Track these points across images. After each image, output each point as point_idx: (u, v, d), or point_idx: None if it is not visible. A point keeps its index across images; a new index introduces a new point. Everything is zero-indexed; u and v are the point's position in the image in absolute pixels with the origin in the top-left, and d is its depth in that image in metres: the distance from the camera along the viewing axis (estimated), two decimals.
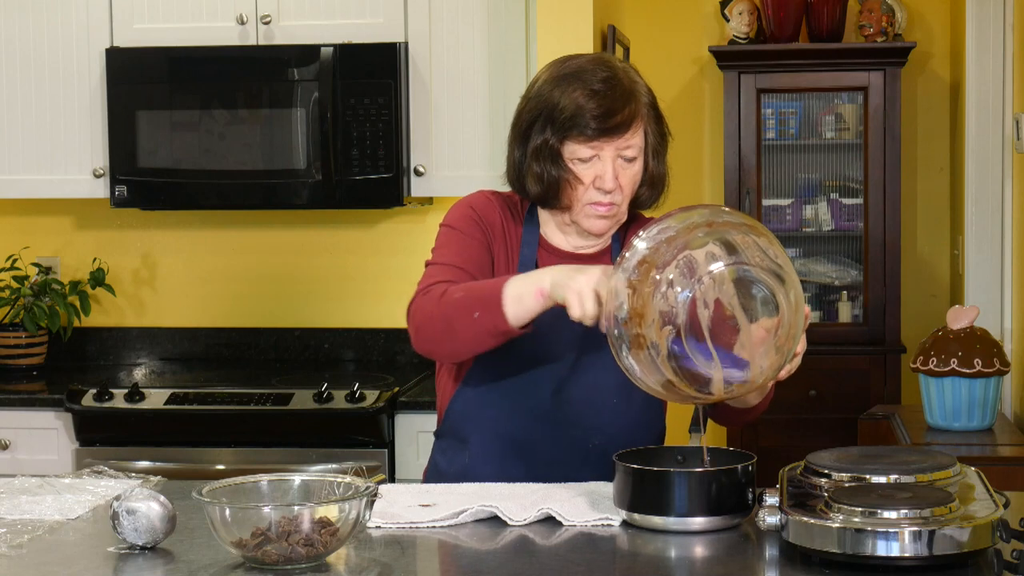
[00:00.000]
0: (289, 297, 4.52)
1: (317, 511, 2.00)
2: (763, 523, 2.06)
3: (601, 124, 2.38)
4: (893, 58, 5.21)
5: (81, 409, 3.90)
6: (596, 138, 2.39)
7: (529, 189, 2.48)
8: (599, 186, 2.41)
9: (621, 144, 2.41)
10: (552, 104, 2.42)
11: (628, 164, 2.43)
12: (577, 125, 2.39)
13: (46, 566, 2.05)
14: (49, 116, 4.22)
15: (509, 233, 2.53)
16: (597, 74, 2.41)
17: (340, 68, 4.02)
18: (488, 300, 2.28)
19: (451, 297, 2.34)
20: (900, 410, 4.05)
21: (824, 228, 5.47)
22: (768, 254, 2.12)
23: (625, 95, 2.40)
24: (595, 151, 2.40)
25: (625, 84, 2.42)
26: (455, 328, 2.33)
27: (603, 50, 4.26)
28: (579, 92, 2.39)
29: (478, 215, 2.52)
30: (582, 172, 2.42)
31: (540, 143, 2.43)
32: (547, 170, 2.43)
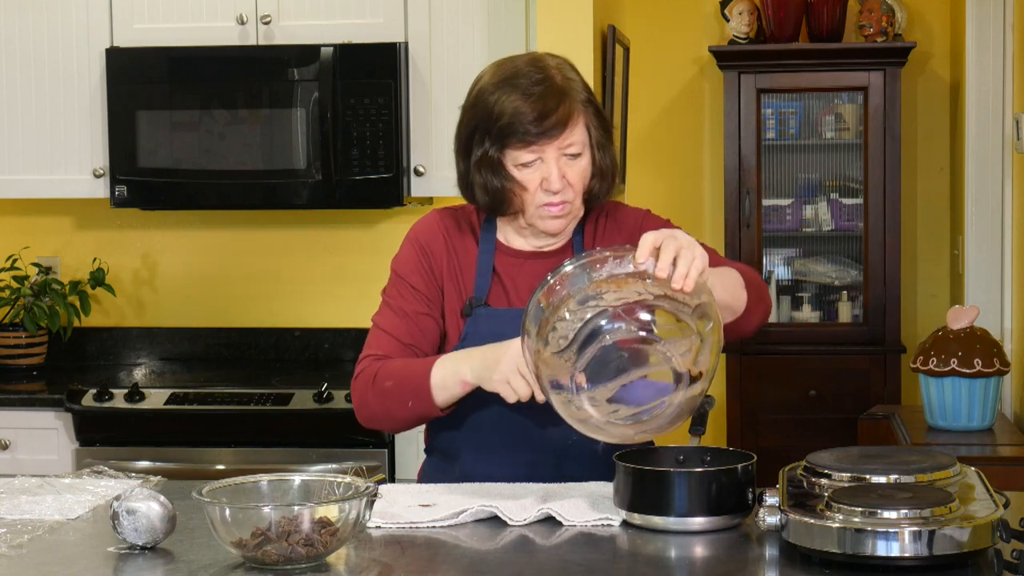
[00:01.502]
0: (289, 297, 4.52)
1: (317, 511, 2.00)
2: (763, 523, 2.06)
3: (537, 127, 2.37)
4: (893, 58, 5.21)
5: (81, 409, 3.90)
6: (535, 141, 2.38)
7: (478, 200, 2.48)
8: (547, 188, 2.41)
9: (562, 143, 2.40)
10: (487, 113, 2.41)
11: (573, 161, 2.42)
12: (515, 132, 2.38)
13: (46, 566, 2.05)
14: (49, 116, 4.22)
15: (461, 249, 2.54)
16: (530, 76, 2.40)
17: (340, 68, 4.02)
18: (417, 390, 2.40)
19: (382, 385, 2.43)
20: (900, 410, 4.05)
21: (824, 228, 5.47)
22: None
23: (558, 94, 2.39)
24: (536, 154, 2.40)
25: (558, 83, 2.40)
26: (393, 415, 2.45)
27: (603, 50, 4.26)
28: (514, 97, 2.38)
29: (419, 251, 2.54)
30: (527, 178, 2.41)
31: (481, 155, 2.43)
32: (490, 181, 2.43)
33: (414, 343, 2.51)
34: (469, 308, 2.49)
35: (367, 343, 2.56)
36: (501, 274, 2.52)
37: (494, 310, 2.48)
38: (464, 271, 2.53)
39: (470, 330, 2.48)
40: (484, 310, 2.48)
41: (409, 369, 2.43)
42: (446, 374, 2.37)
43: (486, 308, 2.49)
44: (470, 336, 2.48)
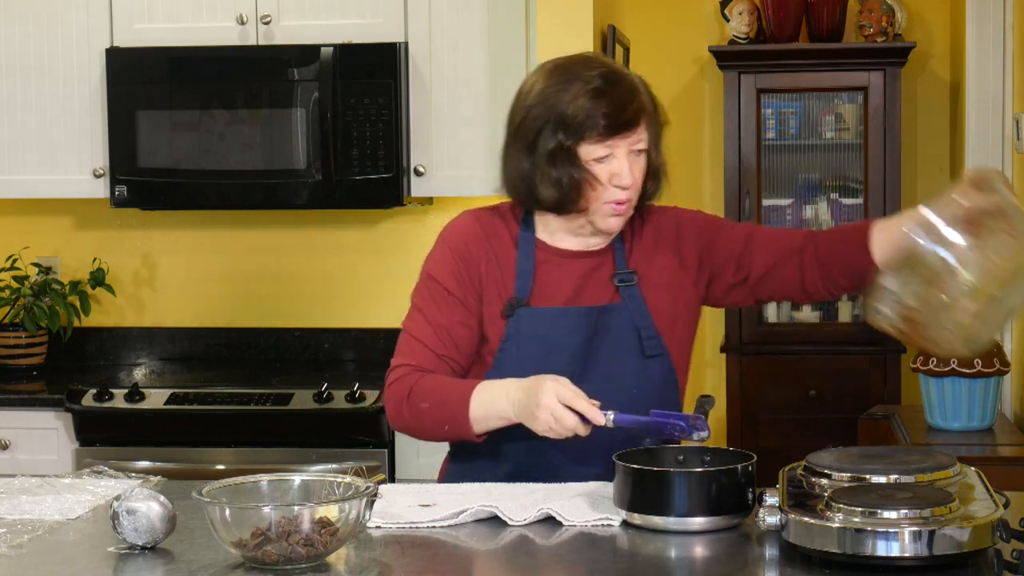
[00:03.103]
0: (289, 297, 4.52)
1: (317, 511, 2.00)
2: (763, 523, 2.06)
3: (614, 121, 2.38)
4: (893, 58, 5.21)
5: (81, 409, 3.90)
6: (610, 136, 2.39)
7: (543, 196, 2.45)
8: (616, 183, 2.41)
9: (633, 139, 2.41)
10: (559, 109, 2.40)
11: (639, 157, 2.44)
12: (590, 125, 2.38)
13: (46, 566, 2.05)
14: (49, 116, 4.22)
15: (499, 249, 2.52)
16: (592, 71, 2.41)
17: (340, 68, 4.02)
18: (455, 418, 2.40)
19: (418, 406, 2.44)
20: (900, 410, 4.05)
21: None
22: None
23: (630, 89, 2.41)
24: (610, 149, 2.40)
25: (626, 79, 2.43)
26: (428, 434, 2.49)
27: (603, 50, 4.26)
28: (583, 93, 2.39)
29: (456, 254, 2.52)
30: (599, 172, 2.41)
31: (554, 148, 2.41)
32: (565, 173, 2.41)
33: (448, 355, 2.49)
34: (510, 309, 2.47)
35: (399, 349, 2.54)
36: (541, 273, 2.50)
37: (536, 310, 2.47)
38: (503, 272, 2.51)
39: (512, 331, 2.47)
40: (526, 310, 2.47)
41: (446, 393, 2.43)
42: (485, 407, 2.38)
43: (528, 308, 2.47)
44: (512, 337, 2.47)
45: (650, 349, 2.49)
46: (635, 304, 2.49)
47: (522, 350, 2.46)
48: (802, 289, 2.54)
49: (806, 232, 2.57)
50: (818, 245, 2.53)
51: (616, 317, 2.49)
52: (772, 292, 2.57)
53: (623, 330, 2.48)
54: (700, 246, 2.56)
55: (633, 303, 2.49)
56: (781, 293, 2.57)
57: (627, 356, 2.48)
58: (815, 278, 2.52)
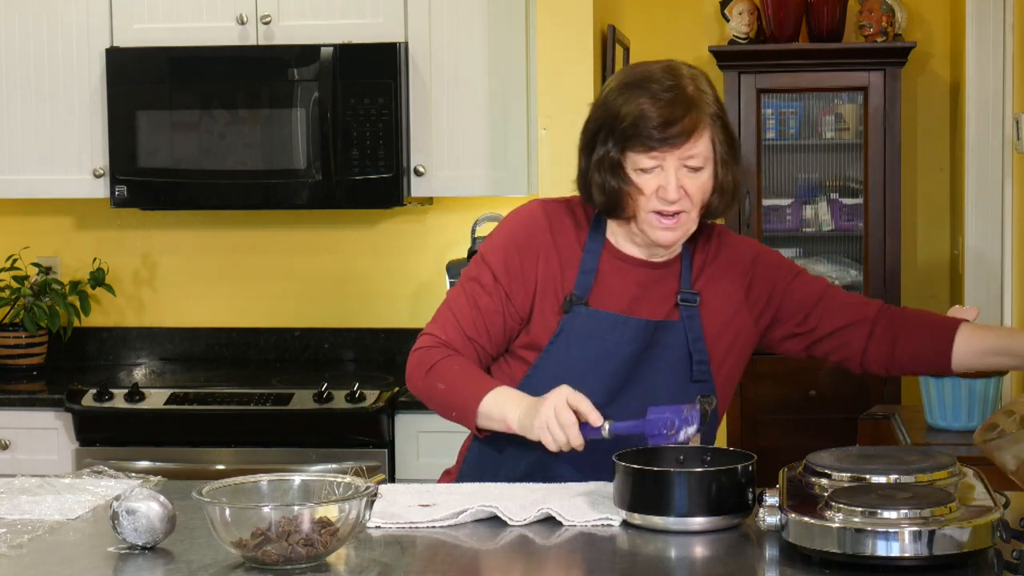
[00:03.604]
0: (289, 297, 4.52)
1: (317, 511, 2.00)
2: (763, 523, 2.06)
3: (661, 133, 2.35)
4: (893, 58, 5.21)
5: (81, 409, 3.90)
6: (657, 148, 2.36)
7: (594, 200, 2.45)
8: (662, 196, 2.38)
9: (684, 153, 2.37)
10: (614, 113, 2.39)
11: (694, 173, 2.39)
12: (638, 135, 2.36)
13: (46, 566, 2.05)
14: (49, 116, 4.22)
15: (564, 244, 2.50)
16: (663, 82, 2.38)
17: (340, 68, 4.02)
18: (463, 410, 2.42)
19: (434, 385, 2.46)
20: (900, 410, 4.04)
21: (824, 228, 5.47)
22: None
23: (687, 103, 2.37)
24: (657, 161, 2.37)
25: (689, 92, 2.38)
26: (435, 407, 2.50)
27: (603, 50, 4.26)
28: (642, 101, 2.36)
29: (514, 244, 2.50)
30: (644, 183, 2.38)
31: (602, 154, 2.40)
32: (608, 182, 2.40)
33: (477, 339, 2.49)
34: (569, 304, 2.46)
35: (435, 318, 2.55)
36: (604, 275, 2.48)
37: (593, 311, 2.45)
38: (564, 267, 2.49)
39: (566, 327, 2.45)
40: (584, 309, 2.45)
41: (464, 382, 2.43)
42: (493, 413, 2.38)
43: (585, 307, 2.46)
44: (565, 332, 2.45)
45: (698, 374, 2.48)
46: (692, 326, 2.48)
47: (573, 348, 2.45)
48: (861, 358, 2.54)
49: (881, 304, 2.57)
50: (895, 322, 2.53)
51: (671, 335, 2.47)
52: (829, 351, 2.56)
53: (675, 349, 2.47)
54: (772, 287, 2.55)
55: (691, 324, 2.48)
56: (839, 355, 2.56)
57: (673, 376, 2.46)
58: (880, 353, 2.52)
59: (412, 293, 4.47)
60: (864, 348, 2.53)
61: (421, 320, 4.42)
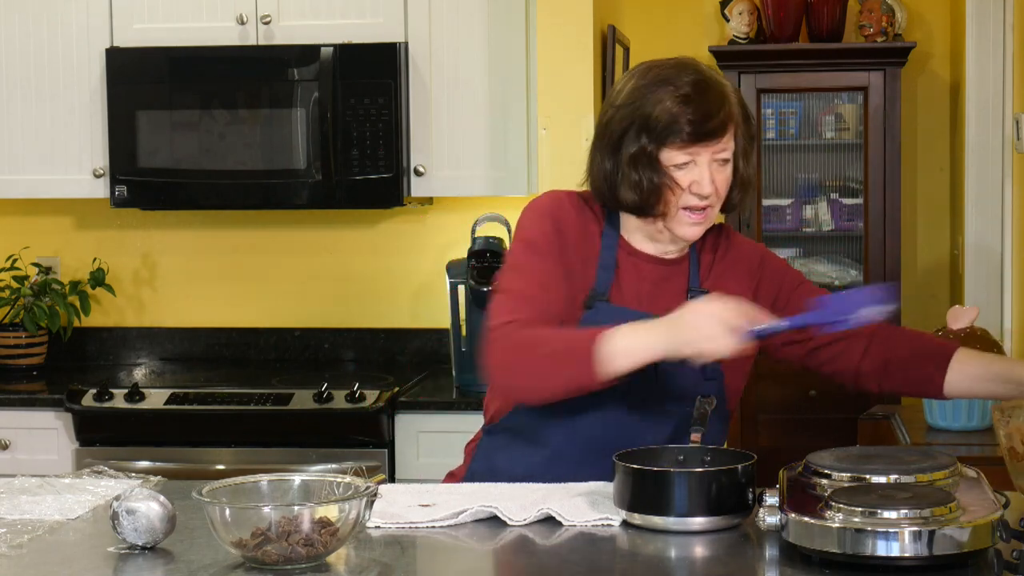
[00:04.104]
0: (289, 297, 4.52)
1: (317, 511, 2.00)
2: (763, 523, 2.06)
3: (698, 129, 2.36)
4: (893, 58, 5.21)
5: (81, 409, 3.90)
6: (692, 143, 2.37)
7: (623, 198, 2.43)
8: (696, 191, 2.39)
9: (717, 148, 2.39)
10: (645, 112, 2.38)
11: (723, 167, 2.42)
12: (674, 132, 2.36)
13: (46, 566, 2.05)
14: (49, 116, 4.22)
15: (587, 233, 2.49)
16: (684, 78, 2.39)
17: (340, 68, 4.02)
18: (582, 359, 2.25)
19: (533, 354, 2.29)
20: (900, 410, 4.04)
21: (824, 228, 5.47)
22: None
23: (718, 98, 2.39)
24: (691, 156, 2.38)
25: (716, 87, 2.40)
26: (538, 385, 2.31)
27: (603, 50, 4.26)
28: (670, 98, 2.37)
29: (557, 226, 2.46)
30: (679, 178, 2.39)
31: (637, 151, 2.39)
32: (646, 177, 2.39)
33: (554, 313, 2.38)
34: (592, 300, 2.44)
35: (498, 310, 2.38)
36: (620, 272, 2.48)
37: (614, 307, 2.44)
38: (584, 259, 2.47)
39: (589, 322, 2.41)
40: (605, 305, 2.44)
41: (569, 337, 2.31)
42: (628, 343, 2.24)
43: (608, 304, 2.45)
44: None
45: (709, 372, 2.47)
46: None
47: None
48: (856, 372, 2.54)
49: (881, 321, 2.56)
50: (891, 339, 2.53)
51: None
52: (825, 363, 2.56)
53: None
54: (778, 290, 2.56)
55: None
56: (834, 367, 2.55)
57: (687, 372, 2.43)
58: (873, 367, 2.52)
59: (412, 293, 4.47)
60: (859, 362, 2.53)
61: (421, 320, 4.47)
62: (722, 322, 2.20)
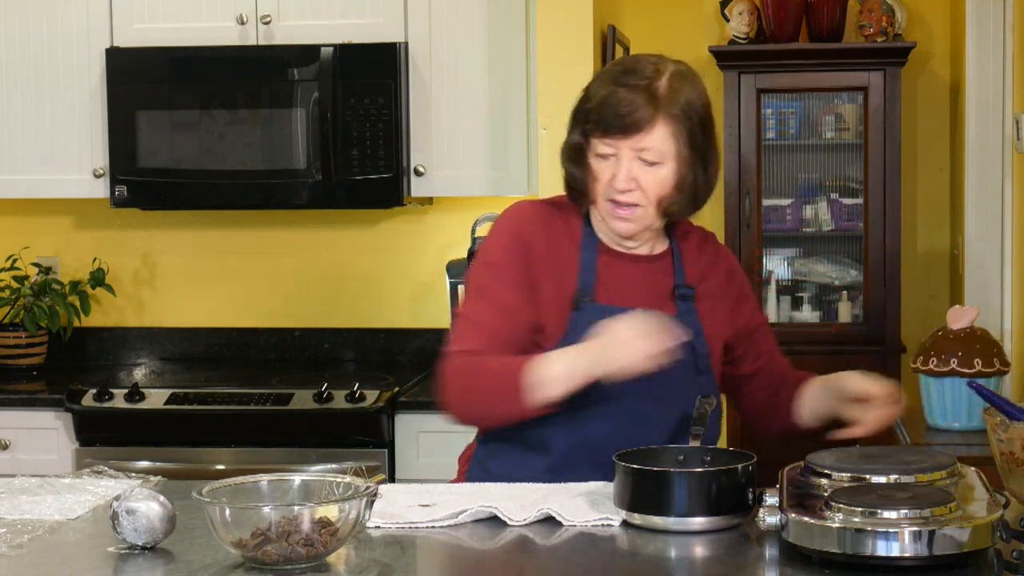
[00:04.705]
0: (289, 297, 4.52)
1: (317, 511, 2.00)
2: (763, 523, 2.05)
3: (618, 121, 2.37)
4: (893, 58, 5.21)
5: (81, 409, 3.90)
6: (611, 135, 2.39)
7: (566, 186, 2.51)
8: (612, 185, 2.41)
9: (636, 145, 2.38)
10: (587, 98, 2.44)
11: (650, 167, 2.40)
12: (597, 120, 2.39)
13: (46, 566, 2.05)
14: (49, 116, 4.22)
15: (561, 241, 2.49)
16: (641, 74, 2.39)
17: (340, 68, 4.02)
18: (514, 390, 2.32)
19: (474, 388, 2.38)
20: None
21: (824, 228, 5.47)
22: None
23: (651, 96, 2.37)
24: (613, 149, 2.40)
25: (658, 86, 2.38)
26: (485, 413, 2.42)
27: (603, 50, 4.26)
28: (608, 90, 2.40)
29: (517, 240, 2.47)
30: (600, 169, 2.42)
31: (572, 141, 2.46)
32: (573, 167, 2.46)
33: (509, 340, 2.42)
34: (579, 301, 2.45)
35: (457, 336, 2.45)
36: (602, 271, 2.49)
37: (602, 306, 2.45)
38: (563, 263, 2.48)
39: (577, 323, 2.42)
40: (593, 305, 2.45)
41: (503, 367, 2.35)
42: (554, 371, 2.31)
43: (595, 304, 2.45)
44: (575, 331, 2.41)
45: (702, 367, 2.49)
46: (691, 320, 2.49)
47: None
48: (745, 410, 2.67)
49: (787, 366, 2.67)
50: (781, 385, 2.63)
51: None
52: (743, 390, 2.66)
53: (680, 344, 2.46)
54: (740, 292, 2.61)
55: (690, 318, 2.49)
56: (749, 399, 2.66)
57: (681, 368, 2.44)
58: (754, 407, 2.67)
59: (412, 293, 4.47)
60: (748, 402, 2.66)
61: (421, 320, 4.47)
62: (639, 337, 2.26)
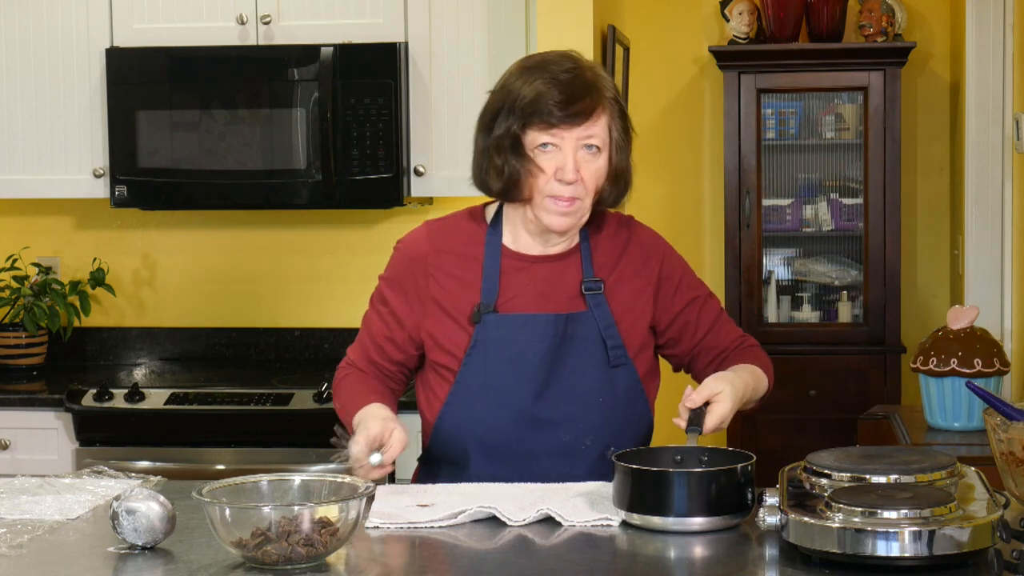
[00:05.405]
0: (289, 297, 4.52)
1: (317, 511, 2.00)
2: (763, 523, 2.06)
3: (561, 111, 2.37)
4: (893, 58, 5.21)
5: (81, 409, 3.90)
6: (557, 125, 2.38)
7: (491, 184, 2.47)
8: (560, 177, 2.40)
9: (582, 133, 2.39)
10: (515, 93, 2.41)
11: (591, 157, 2.41)
12: (539, 112, 2.38)
13: (46, 566, 2.05)
14: (49, 116, 4.22)
15: (457, 258, 2.52)
16: (562, 65, 2.42)
17: (340, 68, 4.02)
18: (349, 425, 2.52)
19: (336, 401, 2.61)
20: (900, 410, 4.05)
21: (824, 228, 5.47)
22: None
23: (587, 85, 2.40)
24: (556, 139, 2.39)
25: (588, 76, 2.41)
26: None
27: (603, 50, 4.26)
28: (541, 81, 2.39)
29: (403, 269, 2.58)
30: (544, 162, 2.40)
31: (502, 132, 2.42)
32: (508, 160, 2.42)
33: (377, 360, 2.60)
34: (478, 315, 2.47)
35: (354, 343, 2.68)
36: (507, 279, 2.50)
37: (503, 316, 2.47)
38: (464, 280, 2.51)
39: (479, 337, 2.47)
40: (493, 316, 2.47)
41: (348, 402, 2.56)
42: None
43: (495, 315, 2.47)
44: (480, 343, 2.47)
45: (615, 359, 2.48)
46: (601, 313, 2.49)
47: (490, 356, 2.47)
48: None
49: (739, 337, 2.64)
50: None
51: (582, 326, 2.48)
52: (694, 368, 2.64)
53: (589, 339, 2.48)
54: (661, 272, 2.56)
55: (599, 312, 2.49)
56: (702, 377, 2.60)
57: (592, 365, 2.47)
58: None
59: None
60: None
61: None
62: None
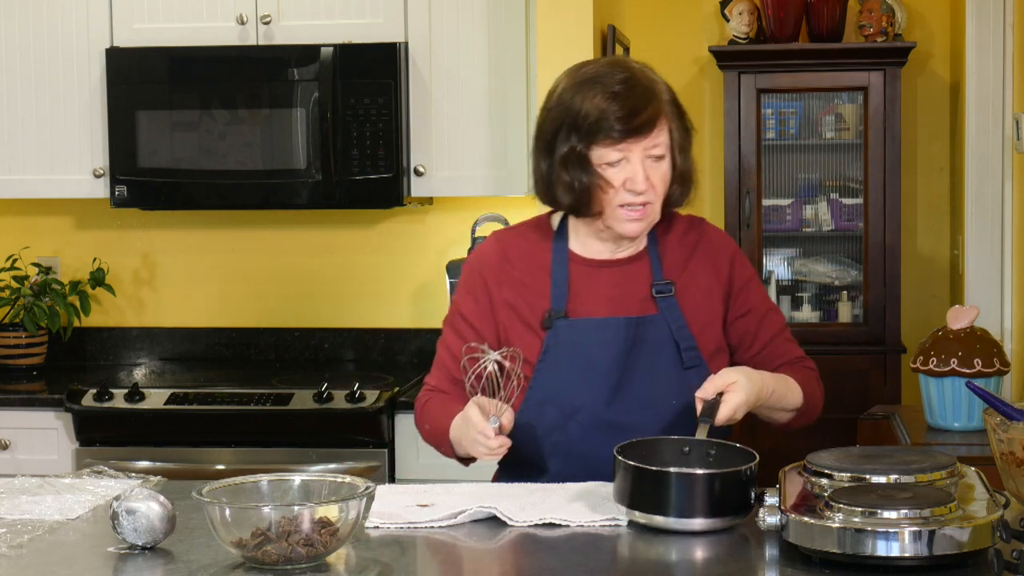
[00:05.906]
0: (289, 297, 4.52)
1: (317, 511, 2.00)
2: (763, 523, 2.06)
3: (626, 125, 2.38)
4: (893, 58, 5.21)
5: (81, 409, 3.90)
6: (622, 140, 2.39)
7: (560, 199, 2.47)
8: (630, 188, 2.41)
9: (648, 144, 2.41)
10: (574, 111, 2.41)
11: (657, 163, 2.43)
12: (602, 129, 2.38)
13: (46, 566, 2.05)
14: (49, 116, 4.22)
15: (527, 265, 2.52)
16: (615, 76, 2.41)
17: (340, 68, 4.02)
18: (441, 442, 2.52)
19: (423, 427, 2.59)
20: (900, 410, 4.05)
21: (824, 228, 5.47)
22: None
23: (646, 94, 2.41)
24: (623, 153, 2.40)
25: (644, 83, 2.42)
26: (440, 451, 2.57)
27: (603, 50, 4.26)
28: (599, 96, 2.39)
29: (474, 282, 2.56)
30: (612, 176, 2.41)
31: (567, 151, 2.42)
32: (577, 178, 2.42)
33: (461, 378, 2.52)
34: (549, 321, 2.47)
35: (431, 371, 2.64)
36: (576, 284, 2.50)
37: (574, 321, 2.47)
38: (534, 287, 2.51)
39: (551, 343, 2.47)
40: (564, 322, 2.47)
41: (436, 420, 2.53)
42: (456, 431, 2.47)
43: (566, 320, 2.47)
44: (552, 348, 2.47)
45: (688, 360, 2.48)
46: (673, 315, 2.49)
47: (562, 361, 2.47)
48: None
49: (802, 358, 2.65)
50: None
51: (654, 328, 2.48)
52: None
53: (661, 342, 2.48)
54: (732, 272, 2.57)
55: (671, 314, 2.49)
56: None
57: (666, 368, 2.47)
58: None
59: (412, 293, 4.47)
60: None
61: (421, 320, 4.47)
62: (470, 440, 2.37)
